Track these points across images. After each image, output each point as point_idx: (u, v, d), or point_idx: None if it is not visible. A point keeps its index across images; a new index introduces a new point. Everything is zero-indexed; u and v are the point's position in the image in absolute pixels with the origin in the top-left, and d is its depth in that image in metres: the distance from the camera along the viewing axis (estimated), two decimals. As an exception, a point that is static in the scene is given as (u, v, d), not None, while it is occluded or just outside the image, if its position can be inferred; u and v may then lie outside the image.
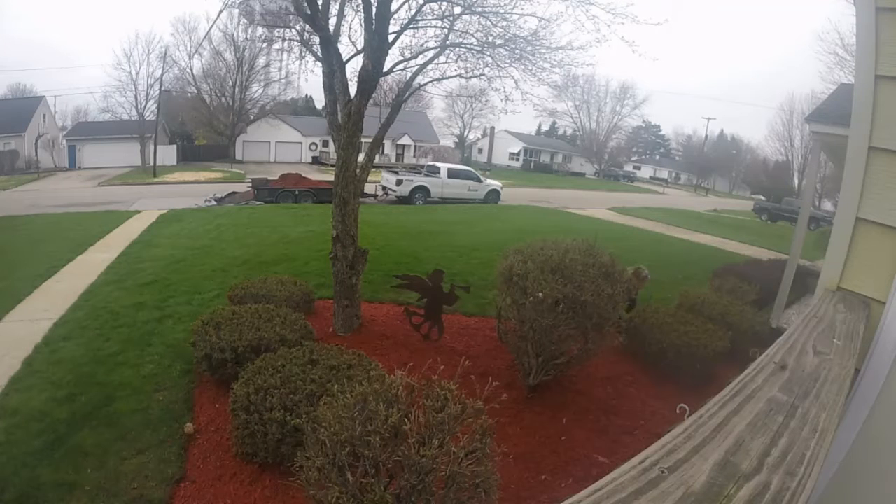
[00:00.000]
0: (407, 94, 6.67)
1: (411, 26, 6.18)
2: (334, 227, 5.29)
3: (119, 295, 6.66)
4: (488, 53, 6.53)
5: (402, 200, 19.90)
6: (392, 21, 5.34)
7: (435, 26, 6.52)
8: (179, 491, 3.04)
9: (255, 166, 35.60)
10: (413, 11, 6.12)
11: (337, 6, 5.78)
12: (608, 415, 4.05)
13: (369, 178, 6.66)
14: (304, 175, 21.14)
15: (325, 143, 41.32)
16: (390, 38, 5.27)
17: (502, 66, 6.66)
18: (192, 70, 38.57)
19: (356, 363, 3.63)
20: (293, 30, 6.70)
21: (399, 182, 20.12)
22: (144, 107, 34.01)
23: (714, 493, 0.61)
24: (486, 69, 6.68)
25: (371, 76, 5.03)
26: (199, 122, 39.31)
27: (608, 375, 4.74)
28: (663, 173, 61.81)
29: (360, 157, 5.44)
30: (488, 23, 6.35)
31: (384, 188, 20.99)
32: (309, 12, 4.89)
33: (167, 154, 35.44)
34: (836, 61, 20.60)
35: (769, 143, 50.70)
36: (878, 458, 1.41)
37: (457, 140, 58.55)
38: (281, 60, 7.47)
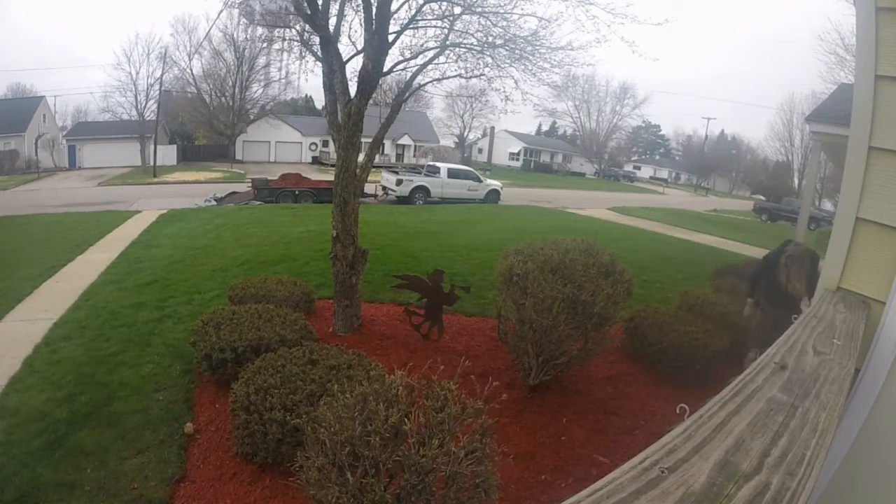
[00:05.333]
0: (407, 94, 6.66)
1: (411, 26, 6.18)
2: (334, 227, 5.29)
3: (119, 295, 6.66)
4: (488, 53, 6.53)
5: (402, 200, 19.90)
6: (392, 21, 5.34)
7: (435, 26, 6.52)
8: (179, 491, 3.03)
9: (255, 166, 35.60)
10: (413, 11, 6.13)
11: (337, 6, 5.78)
12: (608, 415, 4.04)
13: (369, 178, 6.66)
14: (304, 175, 21.16)
15: (325, 143, 41.32)
16: (390, 38, 5.27)
17: (502, 66, 6.66)
18: (192, 70, 38.62)
19: (356, 363, 3.63)
20: (293, 30, 6.70)
21: (399, 182, 20.12)
22: (144, 107, 34.05)
23: (714, 493, 0.61)
24: (486, 69, 6.68)
25: (371, 76, 5.02)
26: (199, 122, 39.31)
27: (608, 375, 4.74)
28: (663, 173, 61.79)
29: (360, 157, 5.44)
30: (488, 23, 6.35)
31: (384, 188, 20.99)
32: (309, 12, 4.89)
33: (167, 154, 35.45)
34: (836, 61, 20.60)
35: (769, 144, 50.75)
36: (878, 458, 1.41)
37: (457, 140, 58.53)
38: (281, 60, 7.48)
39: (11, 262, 8.54)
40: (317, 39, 5.62)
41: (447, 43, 6.40)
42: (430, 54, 6.43)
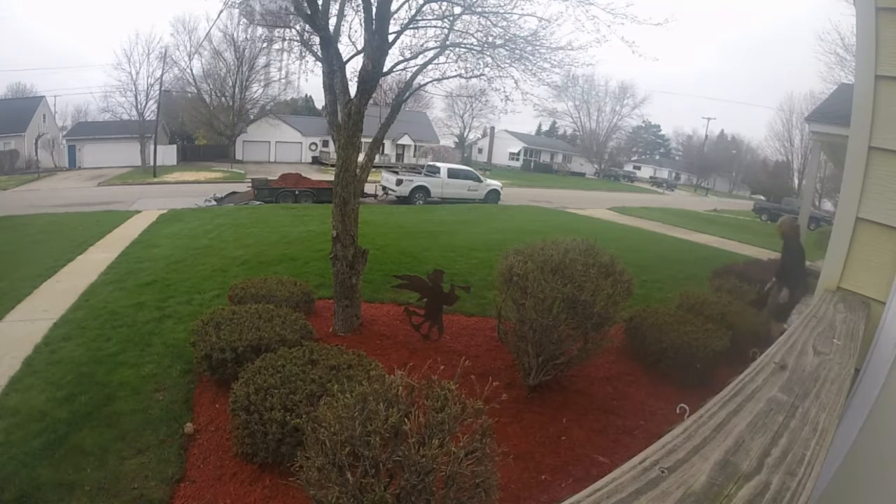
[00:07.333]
0: (407, 94, 6.66)
1: (411, 26, 6.18)
2: (334, 227, 5.29)
3: (119, 295, 6.65)
4: (488, 53, 6.53)
5: (402, 200, 19.90)
6: (392, 21, 5.34)
7: (435, 26, 6.52)
8: (179, 491, 3.03)
9: (255, 166, 35.60)
10: (413, 11, 6.13)
11: (337, 6, 5.79)
12: (608, 415, 4.05)
13: (369, 178, 6.66)
14: (304, 175, 21.14)
15: (325, 143, 41.32)
16: (390, 38, 5.27)
17: (502, 66, 6.66)
18: (192, 70, 38.58)
19: (356, 363, 3.63)
20: (293, 30, 6.71)
21: (399, 182, 20.12)
22: (144, 107, 33.98)
23: (714, 493, 0.61)
24: (486, 69, 6.68)
25: (371, 76, 5.03)
26: (199, 122, 39.28)
27: (608, 375, 4.74)
28: (663, 173, 61.77)
29: (360, 157, 5.44)
30: (488, 23, 6.35)
31: (384, 188, 20.99)
32: (309, 12, 4.89)
33: (167, 154, 35.44)
34: (836, 61, 20.61)
35: (769, 144, 50.72)
36: (878, 458, 1.41)
37: (457, 140, 58.53)
38: (281, 60, 7.48)
39: (11, 262, 8.55)
40: (317, 39, 5.62)
41: (447, 43, 6.40)
42: (430, 54, 6.44)
